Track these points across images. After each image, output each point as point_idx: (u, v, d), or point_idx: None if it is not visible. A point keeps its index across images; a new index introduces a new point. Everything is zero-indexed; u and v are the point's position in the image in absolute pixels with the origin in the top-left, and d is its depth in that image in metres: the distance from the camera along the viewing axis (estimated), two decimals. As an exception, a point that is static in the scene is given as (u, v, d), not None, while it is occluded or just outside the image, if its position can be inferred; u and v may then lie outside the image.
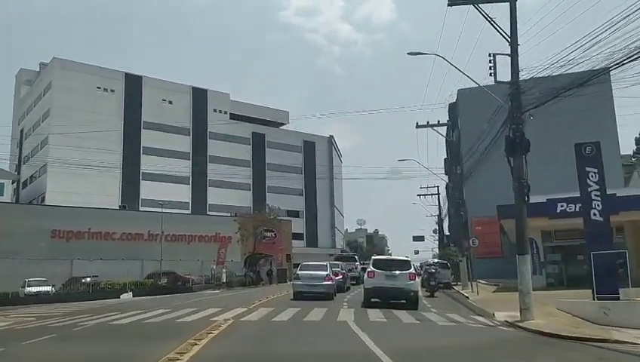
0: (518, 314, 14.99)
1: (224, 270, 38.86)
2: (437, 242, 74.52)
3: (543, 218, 26.21)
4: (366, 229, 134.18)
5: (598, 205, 15.65)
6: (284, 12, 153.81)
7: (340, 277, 25.32)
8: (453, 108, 47.08)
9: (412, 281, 19.06)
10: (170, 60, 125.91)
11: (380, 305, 18.14)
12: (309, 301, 19.82)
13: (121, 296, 31.48)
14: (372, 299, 19.14)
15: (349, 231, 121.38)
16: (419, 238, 78.57)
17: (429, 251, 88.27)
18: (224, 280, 38.09)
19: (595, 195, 15.73)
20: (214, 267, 39.58)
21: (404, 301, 18.81)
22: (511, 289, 28.40)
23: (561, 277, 28.69)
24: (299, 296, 21.07)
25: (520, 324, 13.89)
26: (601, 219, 15.55)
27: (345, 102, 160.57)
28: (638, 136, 67.82)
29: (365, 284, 19.66)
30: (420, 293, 21.68)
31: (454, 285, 33.42)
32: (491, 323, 14.82)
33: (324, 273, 21.44)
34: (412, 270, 19.63)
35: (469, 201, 41.23)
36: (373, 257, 21.56)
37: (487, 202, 36.72)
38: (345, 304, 19.35)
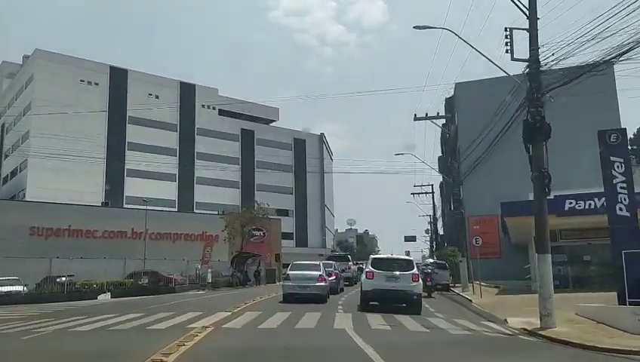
0: (533, 319, 13.42)
1: (209, 270, 36.85)
2: (428, 242, 73.34)
3: (550, 216, 24.47)
4: (356, 229, 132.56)
5: (624, 199, 14.08)
6: (273, 12, 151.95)
7: (334, 277, 23.39)
8: (450, 103, 45.42)
9: (415, 283, 17.41)
10: (159, 60, 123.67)
11: (379, 309, 16.43)
12: (300, 304, 18.04)
13: (98, 297, 29.44)
14: (370, 302, 17.37)
15: (339, 231, 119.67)
16: (410, 238, 77.45)
17: (419, 252, 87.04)
18: (209, 281, 36.12)
19: (621, 188, 14.17)
20: (199, 266, 37.53)
21: (405, 304, 17.21)
22: (513, 291, 26.84)
23: (567, 278, 27.16)
24: (289, 298, 19.20)
25: (542, 333, 12.16)
26: (628, 214, 14.01)
27: (336, 101, 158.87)
28: (632, 136, 66.81)
29: (363, 286, 17.91)
30: None
31: (452, 286, 31.67)
32: (509, 331, 13.06)
33: (317, 273, 19.55)
34: (415, 270, 17.94)
35: (466, 199, 39.74)
36: (372, 256, 19.71)
37: (485, 200, 35.27)
38: (340, 308, 17.52)
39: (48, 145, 58.38)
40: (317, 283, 19.16)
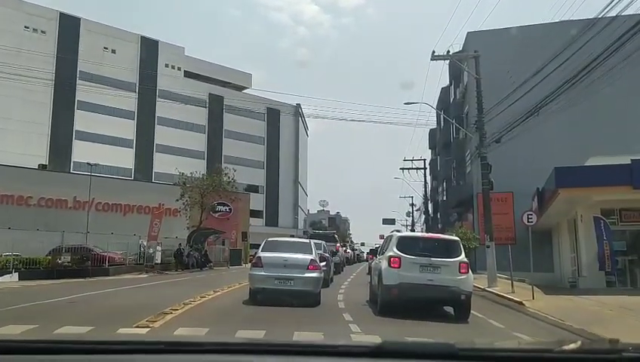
0: None
1: (158, 248, 29.40)
2: (409, 226, 67.69)
3: (623, 187, 18.06)
4: (328, 211, 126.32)
5: None
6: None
7: (324, 264, 16.05)
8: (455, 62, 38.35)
9: (463, 275, 11.28)
10: (119, 18, 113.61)
11: (412, 314, 10.35)
12: (278, 307, 11.15)
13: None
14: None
15: (310, 212, 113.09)
16: (389, 221, 72.52)
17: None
18: (157, 261, 28.70)
19: None
20: (144, 243, 29.98)
21: (452, 306, 11.77)
22: (556, 289, 20.27)
23: (625, 274, 20.69)
24: (260, 296, 12.08)
25: None
26: None
27: (313, 83, 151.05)
28: None
29: (384, 278, 11.21)
30: None
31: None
32: None
33: (308, 257, 12.31)
34: (463, 256, 11.48)
35: (474, 174, 33.51)
36: (397, 234, 12.68)
37: (496, 173, 28.94)
38: (347, 317, 10.49)
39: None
40: (307, 274, 11.95)
